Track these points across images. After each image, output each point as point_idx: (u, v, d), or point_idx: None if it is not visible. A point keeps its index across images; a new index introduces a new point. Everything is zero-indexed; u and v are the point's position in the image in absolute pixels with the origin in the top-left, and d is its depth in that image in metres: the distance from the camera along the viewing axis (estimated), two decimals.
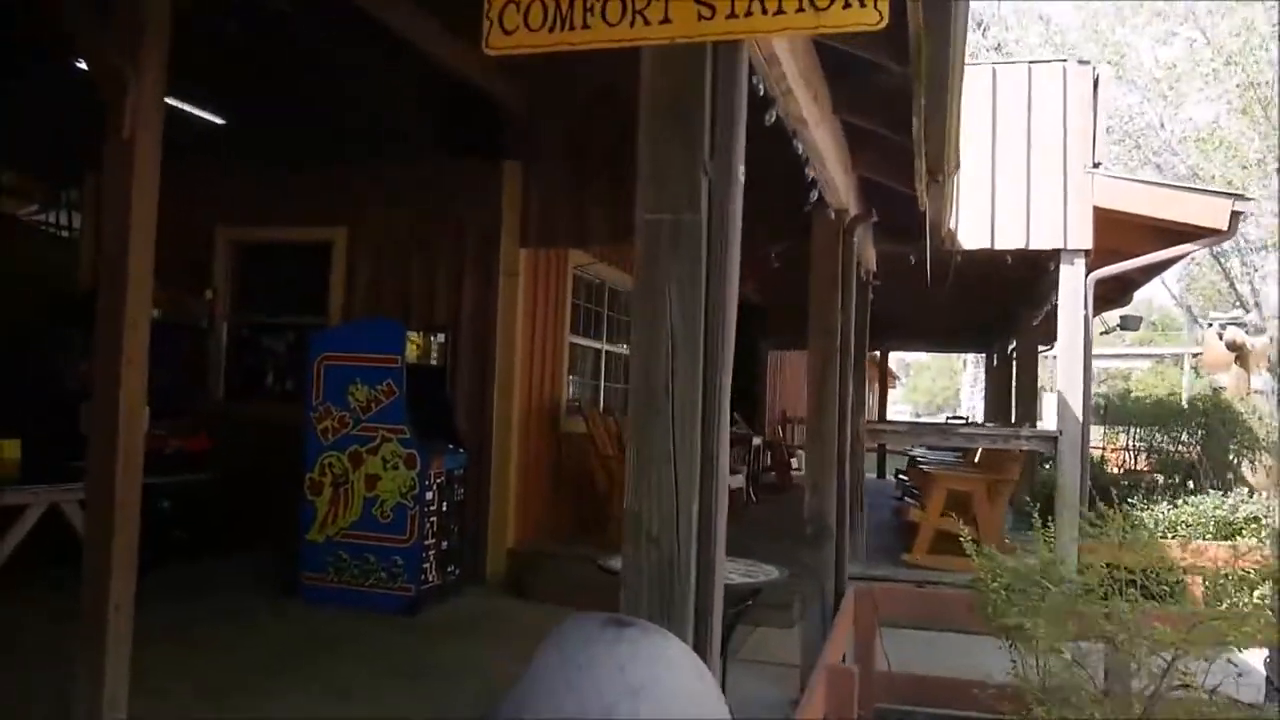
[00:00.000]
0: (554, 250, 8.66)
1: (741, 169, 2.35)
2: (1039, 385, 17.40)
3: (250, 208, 8.73)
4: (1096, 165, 7.19)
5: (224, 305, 8.77)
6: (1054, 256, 7.33)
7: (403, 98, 8.27)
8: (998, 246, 7.25)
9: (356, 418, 7.06)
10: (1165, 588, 7.45)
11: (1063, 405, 7.12)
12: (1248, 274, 19.10)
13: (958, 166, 5.25)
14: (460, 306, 8.16)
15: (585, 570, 7.92)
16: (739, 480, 10.78)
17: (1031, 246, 7.24)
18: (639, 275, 2.34)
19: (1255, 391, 11.86)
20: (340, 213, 8.44)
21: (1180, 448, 11.20)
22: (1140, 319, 11.80)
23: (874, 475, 19.55)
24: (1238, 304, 19.00)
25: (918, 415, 60.94)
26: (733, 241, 2.33)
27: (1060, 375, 7.24)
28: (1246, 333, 12.66)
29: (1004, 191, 7.17)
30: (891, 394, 45.75)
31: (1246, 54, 18.23)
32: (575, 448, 9.28)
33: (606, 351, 10.27)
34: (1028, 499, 8.98)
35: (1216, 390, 12.37)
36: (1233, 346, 12.31)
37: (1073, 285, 7.18)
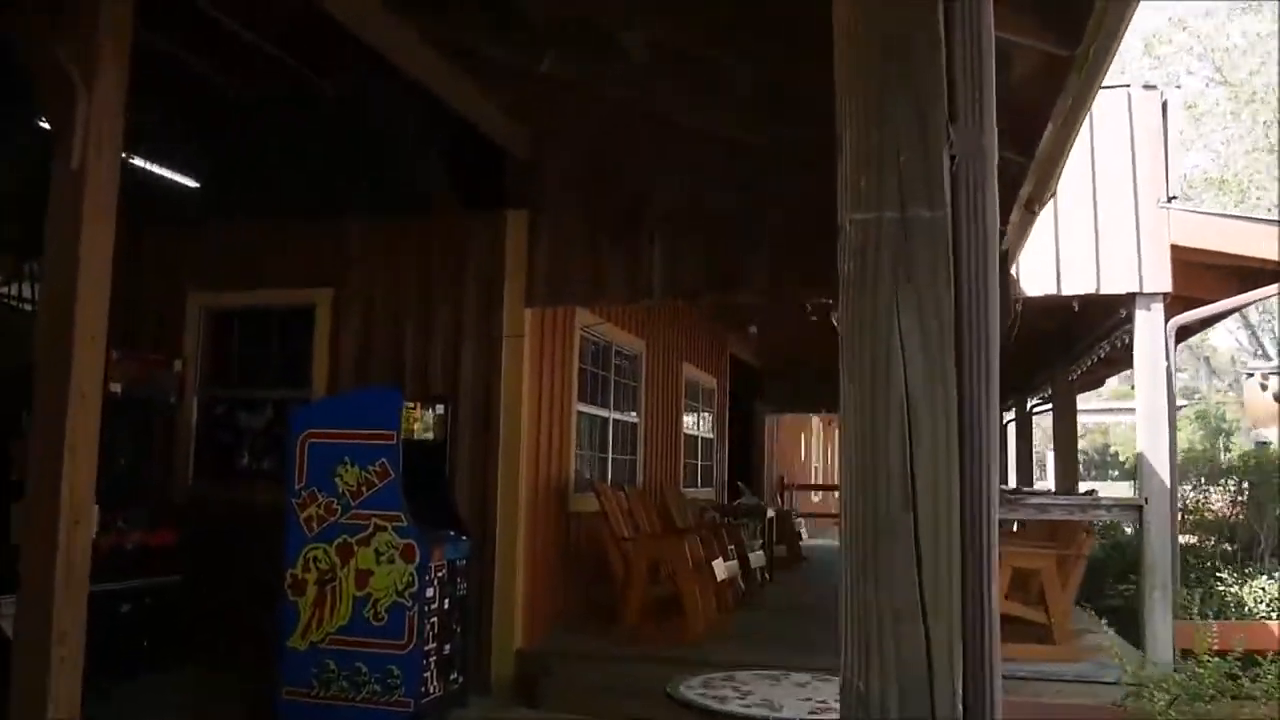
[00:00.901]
0: (559, 309, 7.84)
1: (995, 140, 1.53)
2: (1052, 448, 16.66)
3: (224, 269, 7.86)
4: (1171, 199, 6.50)
5: (195, 377, 7.84)
6: (1127, 302, 6.59)
7: (394, 143, 7.49)
8: (1064, 292, 6.51)
9: (346, 504, 6.14)
10: None
11: (1146, 470, 6.33)
12: (1267, 320, 18.50)
13: (1054, 194, 4.50)
14: (459, 374, 7.29)
15: (604, 673, 6.98)
16: (759, 559, 9.87)
17: (1103, 291, 6.49)
18: (846, 312, 1.50)
19: None
20: (324, 272, 7.59)
21: (1229, 509, 10.43)
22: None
23: None
24: (1260, 353, 18.38)
25: None
26: (992, 249, 1.50)
27: (1141, 435, 6.45)
28: None
29: (1069, 231, 6.44)
30: None
31: (1269, 91, 17.83)
32: (586, 528, 8.36)
33: (614, 420, 9.40)
34: None
35: (1261, 445, 11.66)
36: None
37: (1151, 333, 6.43)
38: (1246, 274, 6.95)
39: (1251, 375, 12.60)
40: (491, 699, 6.70)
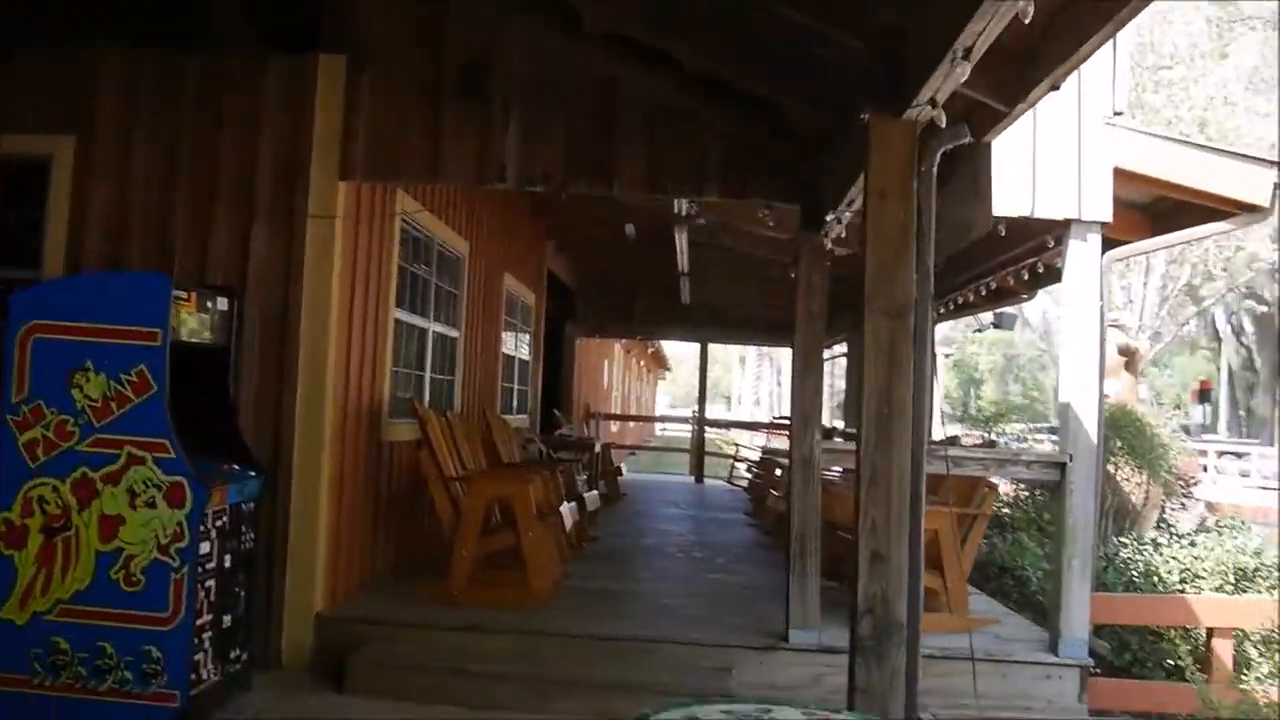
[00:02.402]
0: (380, 188, 6.30)
1: None
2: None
3: None
4: (1117, 114, 5.67)
5: None
6: (1059, 230, 5.74)
7: None
8: (995, 212, 5.59)
9: (87, 425, 4.50)
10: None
11: (1071, 422, 5.54)
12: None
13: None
14: (249, 261, 5.68)
15: (427, 646, 5.58)
16: (594, 500, 8.72)
17: (1037, 214, 5.60)
18: None
19: (1141, 400, 11.02)
20: (65, 115, 5.71)
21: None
22: (1016, 318, 10.61)
23: (685, 477, 17.99)
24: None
25: (673, 406, 60.93)
26: None
27: (1065, 383, 5.64)
28: (1128, 335, 11.86)
29: (1003, 143, 5.48)
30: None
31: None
32: (402, 461, 6.94)
33: (434, 333, 7.92)
34: None
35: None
36: (1125, 352, 11.46)
37: (1084, 267, 5.58)
38: (1200, 210, 6.19)
39: None
40: (284, 679, 5.27)
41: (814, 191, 5.50)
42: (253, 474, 5.07)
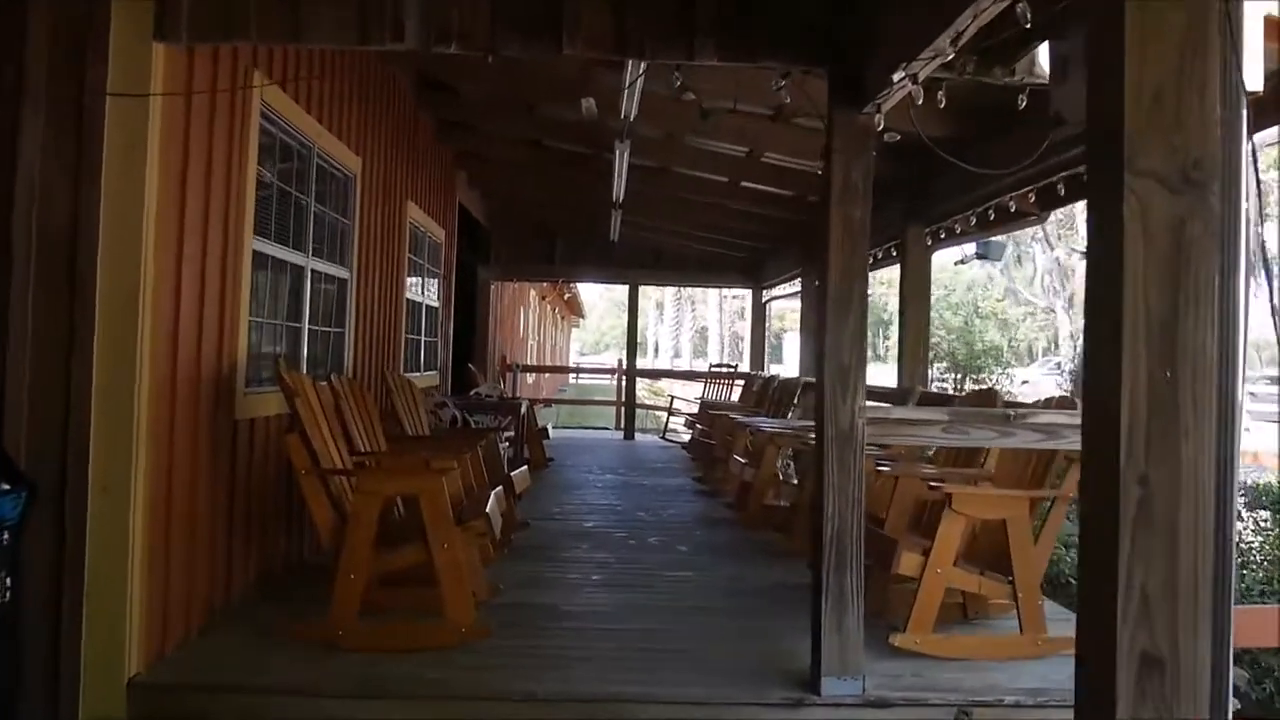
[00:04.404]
0: (221, 59, 4.44)
1: None
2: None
3: None
4: None
5: None
6: None
7: None
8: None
9: None
10: None
11: None
12: None
13: None
14: (16, 169, 3.78)
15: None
16: (524, 478, 6.98)
17: None
18: None
19: None
20: None
21: None
22: (1004, 247, 9.13)
23: (612, 432, 16.45)
24: None
25: (582, 354, 59.52)
26: None
27: None
28: None
29: None
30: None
31: None
32: (271, 443, 5.13)
33: (315, 273, 6.06)
34: None
35: None
36: None
37: None
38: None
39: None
40: None
41: (857, 45, 3.82)
42: (6, 487, 3.24)
